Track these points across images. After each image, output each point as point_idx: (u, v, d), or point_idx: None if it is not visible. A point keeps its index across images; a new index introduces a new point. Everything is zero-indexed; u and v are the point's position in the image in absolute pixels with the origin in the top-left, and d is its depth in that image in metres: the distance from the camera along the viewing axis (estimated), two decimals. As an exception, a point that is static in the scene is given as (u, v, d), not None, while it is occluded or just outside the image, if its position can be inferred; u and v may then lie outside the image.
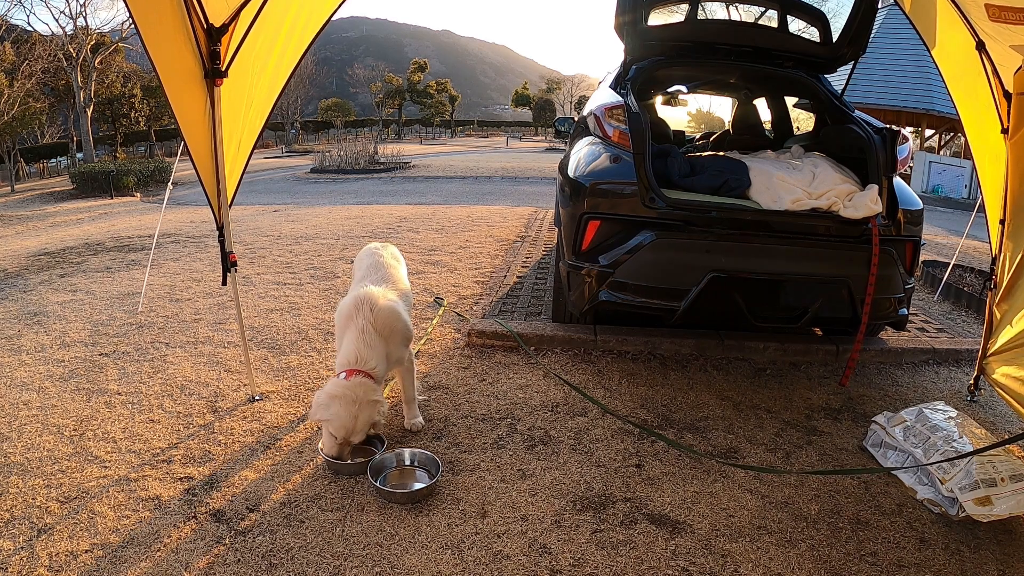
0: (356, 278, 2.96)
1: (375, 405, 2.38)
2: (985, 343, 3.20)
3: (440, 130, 54.41)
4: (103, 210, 13.19)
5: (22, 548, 1.99)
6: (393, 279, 2.85)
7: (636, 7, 3.78)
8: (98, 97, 28.28)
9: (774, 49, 4.05)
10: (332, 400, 2.34)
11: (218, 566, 1.92)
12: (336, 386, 2.37)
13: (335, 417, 2.32)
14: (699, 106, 67.78)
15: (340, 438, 2.35)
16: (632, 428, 2.80)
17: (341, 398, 2.33)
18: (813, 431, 2.88)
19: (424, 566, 1.94)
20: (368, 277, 2.81)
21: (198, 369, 3.37)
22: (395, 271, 2.94)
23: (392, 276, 2.87)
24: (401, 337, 2.60)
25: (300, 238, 6.96)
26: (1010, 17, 2.71)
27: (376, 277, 2.81)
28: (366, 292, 2.56)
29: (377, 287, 2.65)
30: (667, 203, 3.11)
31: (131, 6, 2.12)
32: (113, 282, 5.19)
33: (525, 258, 5.88)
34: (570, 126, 5.47)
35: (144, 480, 2.36)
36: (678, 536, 2.10)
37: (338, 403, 2.32)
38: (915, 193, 3.48)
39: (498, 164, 21.34)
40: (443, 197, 12.43)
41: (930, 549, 2.10)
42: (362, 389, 2.36)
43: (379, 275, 2.84)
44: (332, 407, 2.33)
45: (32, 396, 3.06)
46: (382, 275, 2.84)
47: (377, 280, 2.77)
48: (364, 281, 2.76)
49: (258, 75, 2.92)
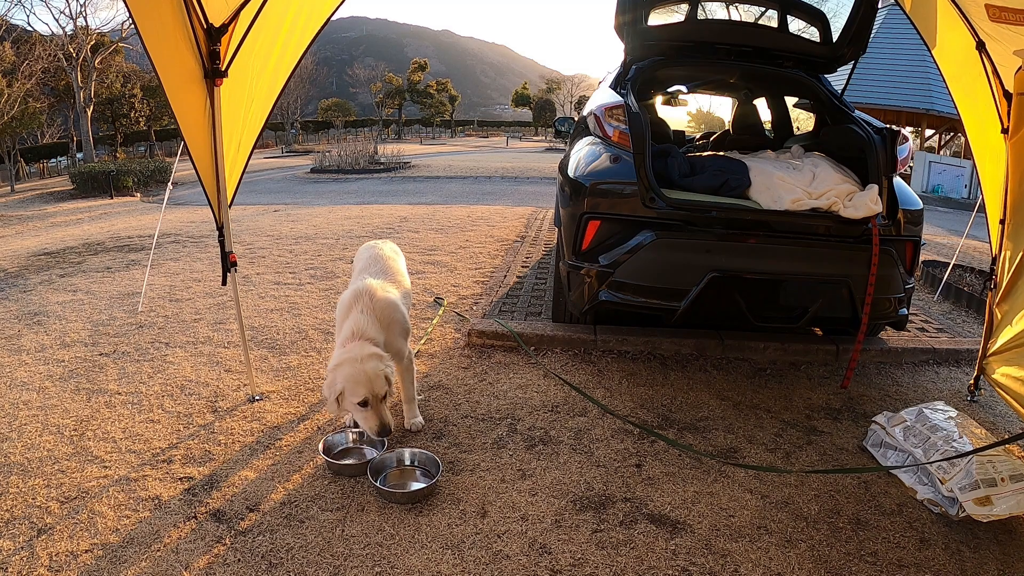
0: (355, 272, 2.96)
1: (379, 357, 2.35)
2: (985, 343, 3.20)
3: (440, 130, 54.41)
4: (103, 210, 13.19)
5: (22, 548, 1.99)
6: (392, 272, 2.85)
7: (636, 7, 3.78)
8: (98, 97, 28.28)
9: (774, 49, 4.05)
10: (336, 369, 2.31)
11: (218, 566, 1.92)
12: (336, 357, 2.36)
13: (347, 379, 2.28)
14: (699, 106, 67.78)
15: (363, 397, 2.28)
16: (632, 428, 2.80)
17: (343, 363, 2.31)
18: (813, 431, 2.88)
19: (424, 566, 1.93)
20: (367, 270, 2.81)
21: (198, 369, 3.37)
22: (394, 264, 2.94)
23: (391, 269, 2.87)
24: (400, 328, 2.60)
25: (300, 238, 6.96)
26: (1010, 17, 2.71)
27: (375, 270, 2.81)
28: (365, 284, 2.56)
29: (376, 280, 2.65)
30: (667, 203, 3.10)
31: (131, 6, 2.12)
32: (113, 282, 5.19)
33: (525, 258, 5.88)
34: (570, 126, 5.47)
35: (144, 480, 2.36)
36: (678, 536, 2.10)
37: (343, 367, 2.30)
38: (915, 193, 3.48)
39: (498, 164, 21.34)
40: (443, 197, 12.43)
41: (930, 549, 2.10)
42: (359, 348, 2.35)
43: (378, 268, 2.84)
44: (339, 373, 2.29)
45: (32, 396, 3.06)
46: (380, 268, 2.84)
47: (376, 273, 2.77)
48: (363, 274, 2.77)
49: (258, 75, 2.92)
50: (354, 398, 2.30)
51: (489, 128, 63.23)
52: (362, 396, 2.29)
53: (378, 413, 2.33)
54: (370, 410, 2.32)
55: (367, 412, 2.32)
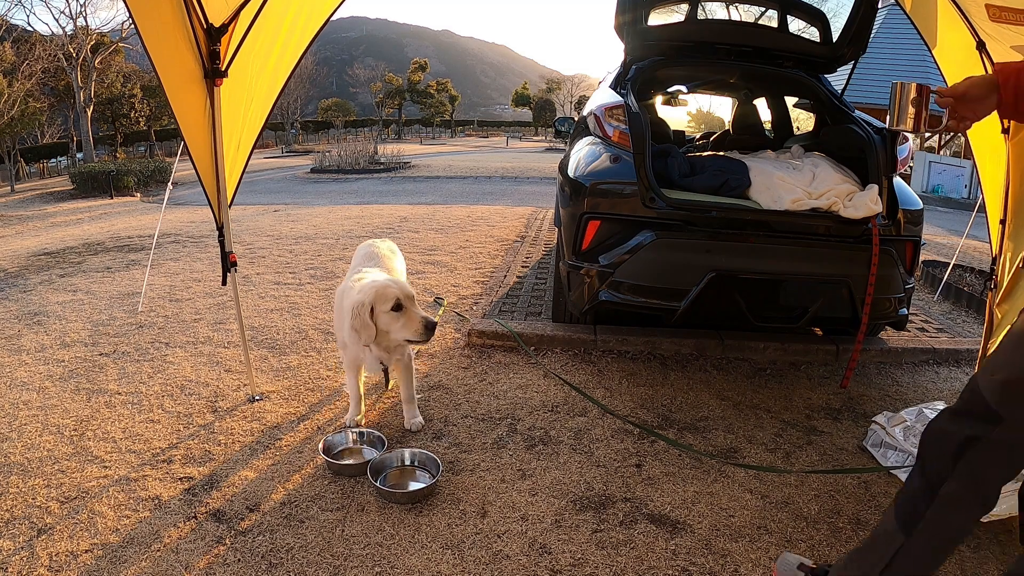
0: (352, 268, 2.95)
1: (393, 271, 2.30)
2: (985, 343, 3.20)
3: (440, 130, 54.42)
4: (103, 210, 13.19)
5: (22, 548, 1.99)
6: (388, 271, 2.83)
7: (636, 7, 3.78)
8: (98, 97, 28.28)
9: (774, 49, 4.05)
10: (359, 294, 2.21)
11: (218, 566, 1.92)
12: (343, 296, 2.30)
13: (373, 291, 2.18)
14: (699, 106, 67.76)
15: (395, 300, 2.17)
16: (632, 428, 2.80)
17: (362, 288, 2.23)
18: (813, 431, 2.88)
19: (424, 566, 1.93)
20: (363, 266, 2.79)
21: (198, 369, 3.37)
22: (389, 262, 2.92)
23: (387, 267, 2.85)
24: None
25: (300, 238, 6.96)
26: (1010, 17, 2.71)
27: (370, 266, 2.78)
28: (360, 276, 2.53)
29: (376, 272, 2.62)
30: (667, 203, 3.10)
31: (131, 6, 2.12)
32: (113, 282, 5.19)
33: (525, 258, 5.88)
34: (570, 126, 5.47)
35: (144, 480, 2.36)
36: (678, 536, 2.10)
37: (364, 290, 2.21)
38: (915, 193, 3.48)
39: (498, 164, 21.34)
40: (443, 197, 12.43)
41: (930, 549, 2.10)
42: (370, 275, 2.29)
43: (373, 263, 2.81)
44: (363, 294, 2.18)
45: (32, 396, 3.06)
46: (375, 264, 2.82)
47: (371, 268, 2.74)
48: (358, 267, 2.75)
49: (258, 75, 2.92)
50: (385, 305, 2.17)
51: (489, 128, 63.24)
52: (394, 300, 2.17)
53: (416, 312, 2.18)
54: (406, 312, 2.17)
55: (404, 316, 2.18)
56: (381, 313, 2.21)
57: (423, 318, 2.24)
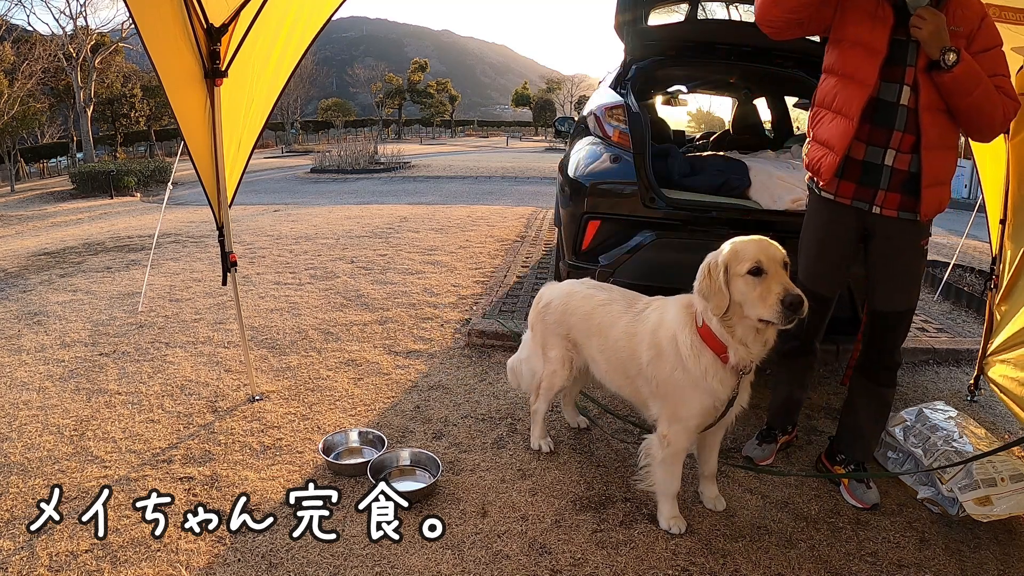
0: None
1: None
2: (985, 343, 3.20)
3: (440, 130, 54.43)
4: (103, 210, 13.19)
5: (22, 548, 1.99)
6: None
7: (636, 7, 3.78)
8: (98, 97, 28.27)
9: (774, 49, 4.05)
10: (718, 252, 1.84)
11: (218, 566, 1.92)
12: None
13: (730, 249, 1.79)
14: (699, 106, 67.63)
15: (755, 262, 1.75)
16: (632, 428, 2.80)
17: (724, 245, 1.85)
18: (813, 431, 2.88)
19: (424, 566, 1.93)
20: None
21: (198, 369, 3.37)
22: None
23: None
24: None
25: (300, 238, 6.96)
26: (1010, 17, 2.71)
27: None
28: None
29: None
30: (667, 203, 3.10)
31: (131, 6, 2.12)
32: (113, 282, 5.19)
33: (525, 258, 5.88)
34: (570, 126, 5.47)
35: (144, 480, 2.36)
36: (678, 536, 2.10)
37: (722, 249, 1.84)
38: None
39: (498, 164, 21.34)
40: (443, 197, 12.43)
41: (930, 549, 2.10)
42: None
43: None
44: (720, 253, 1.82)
45: (32, 396, 3.06)
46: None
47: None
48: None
49: (258, 75, 2.92)
50: (743, 266, 1.73)
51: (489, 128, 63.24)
52: (753, 260, 1.72)
53: (782, 279, 1.70)
54: (769, 278, 1.70)
55: (764, 282, 1.69)
56: (734, 270, 1.76)
57: (786, 290, 1.70)
